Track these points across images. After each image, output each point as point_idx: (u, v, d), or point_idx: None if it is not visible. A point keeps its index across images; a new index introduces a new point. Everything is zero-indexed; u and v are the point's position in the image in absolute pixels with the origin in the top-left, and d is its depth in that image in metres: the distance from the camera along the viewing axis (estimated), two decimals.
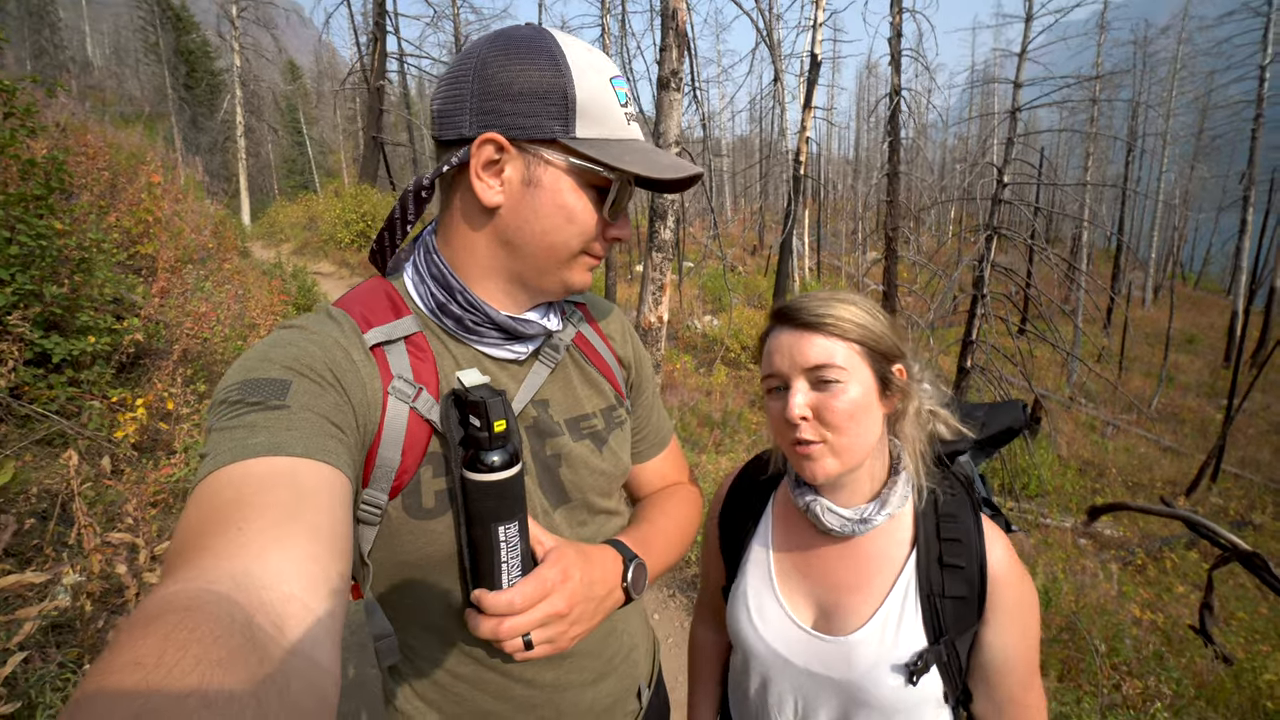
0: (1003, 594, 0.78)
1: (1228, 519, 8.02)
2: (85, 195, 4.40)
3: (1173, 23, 24.76)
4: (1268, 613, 5.45)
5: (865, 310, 0.80)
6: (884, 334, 0.80)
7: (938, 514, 0.83)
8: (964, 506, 0.83)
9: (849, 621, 0.82)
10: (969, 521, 0.82)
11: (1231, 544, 1.46)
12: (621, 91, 0.69)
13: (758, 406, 8.41)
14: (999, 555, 0.80)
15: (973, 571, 0.79)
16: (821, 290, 0.84)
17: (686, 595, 3.19)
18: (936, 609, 0.79)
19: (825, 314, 0.78)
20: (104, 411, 2.87)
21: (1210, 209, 33.87)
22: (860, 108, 39.37)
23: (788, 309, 0.81)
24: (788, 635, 0.86)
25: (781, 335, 0.81)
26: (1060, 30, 9.67)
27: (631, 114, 0.71)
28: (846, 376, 0.77)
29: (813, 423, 0.78)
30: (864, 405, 0.78)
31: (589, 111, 0.65)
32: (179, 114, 24.69)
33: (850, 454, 0.79)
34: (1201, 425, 13.03)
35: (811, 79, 13.34)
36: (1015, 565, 0.80)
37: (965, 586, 0.79)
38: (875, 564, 0.83)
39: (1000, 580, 0.79)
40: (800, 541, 0.90)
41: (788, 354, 0.80)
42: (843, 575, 0.85)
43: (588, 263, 0.72)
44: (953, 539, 0.81)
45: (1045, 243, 9.42)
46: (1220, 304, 28.10)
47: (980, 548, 0.80)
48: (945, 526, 0.82)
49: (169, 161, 9.02)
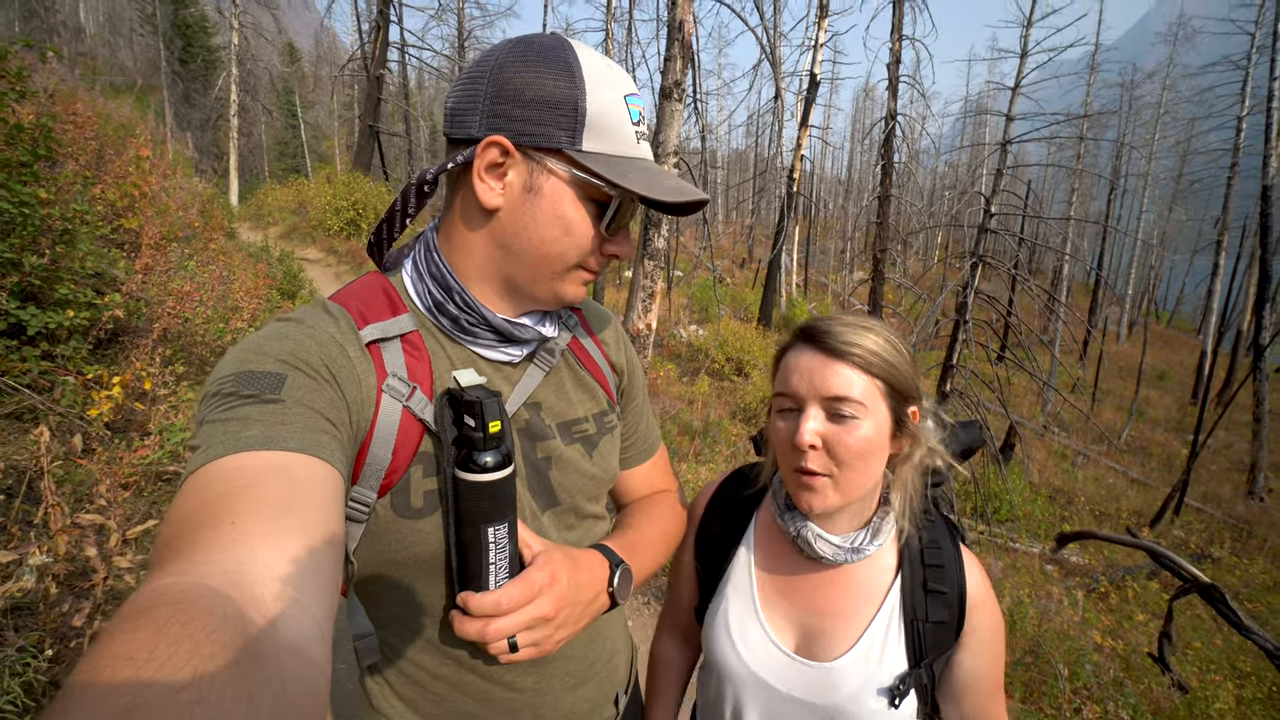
0: (979, 618, 0.80)
1: (1188, 552, 8.24)
2: (71, 165, 4.30)
3: (1159, 69, 25.58)
4: (1221, 644, 5.61)
5: (891, 345, 0.78)
6: (906, 372, 0.78)
7: (922, 541, 0.84)
8: (944, 533, 0.85)
9: (834, 647, 0.82)
10: (950, 548, 0.83)
11: (1192, 576, 1.51)
12: (635, 110, 0.69)
13: (739, 418, 8.45)
14: (976, 581, 0.81)
15: (953, 596, 0.80)
16: (848, 315, 0.82)
17: (660, 602, 3.19)
18: (919, 633, 0.80)
19: (853, 343, 0.76)
20: (78, 388, 2.80)
21: (1185, 251, 34.92)
22: (855, 129, 39.98)
23: (814, 331, 0.79)
24: (770, 660, 0.85)
25: (803, 356, 0.79)
26: (1053, 68, 9.94)
27: (643, 133, 0.71)
28: (864, 413, 0.75)
29: (821, 453, 0.77)
30: (876, 444, 0.77)
31: (597, 126, 0.65)
32: (171, 88, 24.19)
33: (853, 491, 0.78)
34: (1167, 459, 13.38)
35: (809, 98, 13.53)
36: (989, 590, 0.82)
37: (946, 611, 0.80)
38: (861, 589, 0.83)
39: (977, 605, 0.80)
40: (784, 565, 0.89)
41: (807, 377, 0.77)
42: (828, 600, 0.85)
43: (582, 276, 0.72)
44: (936, 565, 0.82)
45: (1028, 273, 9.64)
46: (1190, 343, 28.92)
47: (960, 573, 0.81)
48: (929, 553, 0.83)
49: (158, 135, 8.85)
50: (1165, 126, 25.82)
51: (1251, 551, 8.44)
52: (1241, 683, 4.80)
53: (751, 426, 8.23)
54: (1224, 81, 17.60)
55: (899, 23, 9.52)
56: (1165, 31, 24.95)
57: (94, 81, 15.62)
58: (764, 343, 11.56)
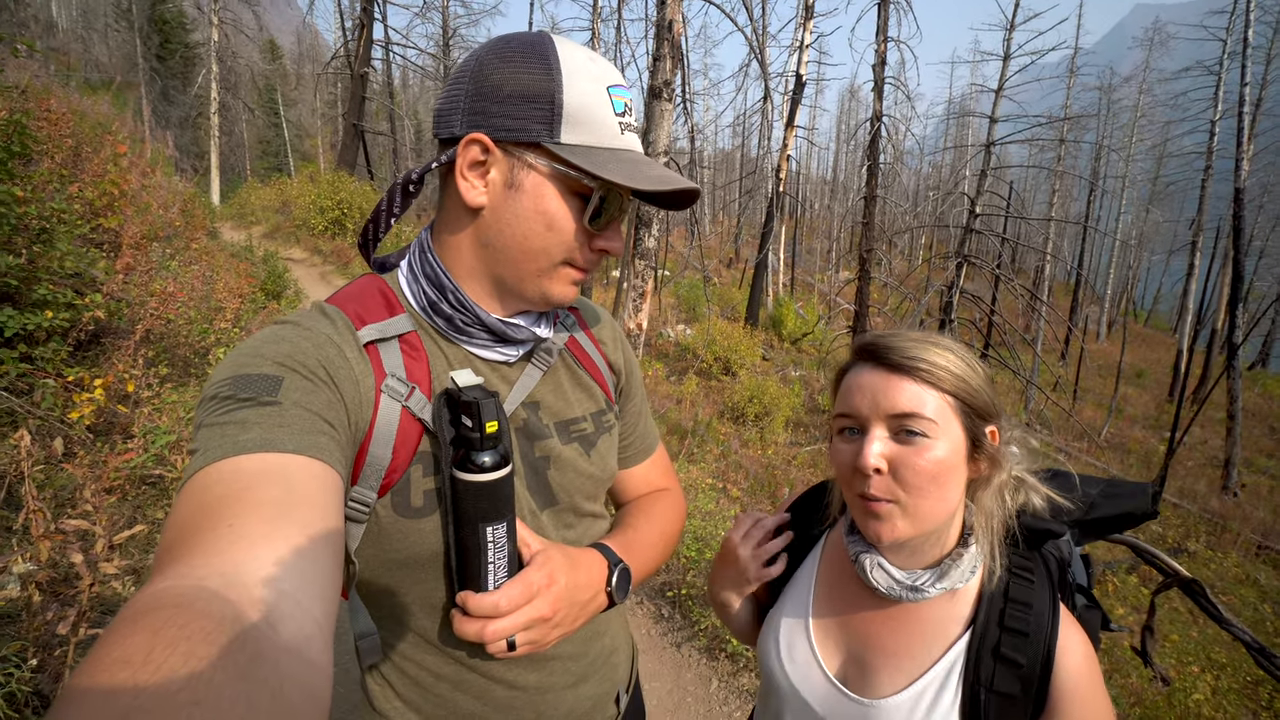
0: (1066, 708, 0.67)
1: (1165, 546, 8.43)
2: (46, 162, 4.20)
3: (1135, 73, 26.12)
4: (1197, 636, 5.74)
5: (963, 359, 0.71)
6: (981, 388, 0.70)
7: (1007, 598, 0.72)
8: (1043, 597, 0.72)
9: (880, 686, 0.75)
10: (1044, 614, 0.70)
11: (1174, 570, 1.54)
12: (620, 101, 0.68)
13: (727, 417, 8.49)
14: (1074, 662, 0.68)
15: (1032, 671, 0.68)
16: (915, 331, 0.75)
17: (654, 603, 3.20)
18: (980, 701, 0.69)
19: (920, 357, 0.69)
20: (58, 391, 2.74)
21: (1162, 251, 35.69)
22: (841, 130, 40.34)
23: (876, 346, 0.72)
24: (813, 682, 0.80)
25: (864, 374, 0.72)
26: (1034, 71, 10.11)
27: (629, 124, 0.69)
28: (935, 431, 0.68)
29: (886, 477, 0.69)
30: (950, 466, 0.69)
31: (576, 118, 0.64)
32: (149, 85, 23.71)
33: (925, 520, 0.70)
34: (1146, 456, 13.66)
35: (795, 98, 13.63)
36: (1090, 678, 0.68)
37: (1019, 685, 0.68)
38: (922, 635, 0.75)
39: (1067, 691, 0.67)
40: (846, 589, 0.82)
41: (870, 395, 0.70)
42: (884, 637, 0.77)
43: (571, 275, 0.71)
44: (1017, 630, 0.70)
45: (1011, 273, 9.79)
46: (1167, 341, 29.60)
47: (1050, 647, 0.69)
48: (1012, 614, 0.71)
49: (137, 133, 8.67)
50: (1142, 130, 26.41)
51: (1225, 545, 8.65)
52: (1217, 674, 4.92)
53: (740, 425, 8.27)
54: (1197, 86, 18.01)
55: (884, 24, 9.62)
56: (1141, 36, 25.51)
57: (68, 78, 15.27)
58: (751, 342, 11.61)
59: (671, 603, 3.18)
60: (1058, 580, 0.76)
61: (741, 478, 5.84)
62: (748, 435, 7.84)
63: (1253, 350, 27.84)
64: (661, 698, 2.57)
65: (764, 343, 13.25)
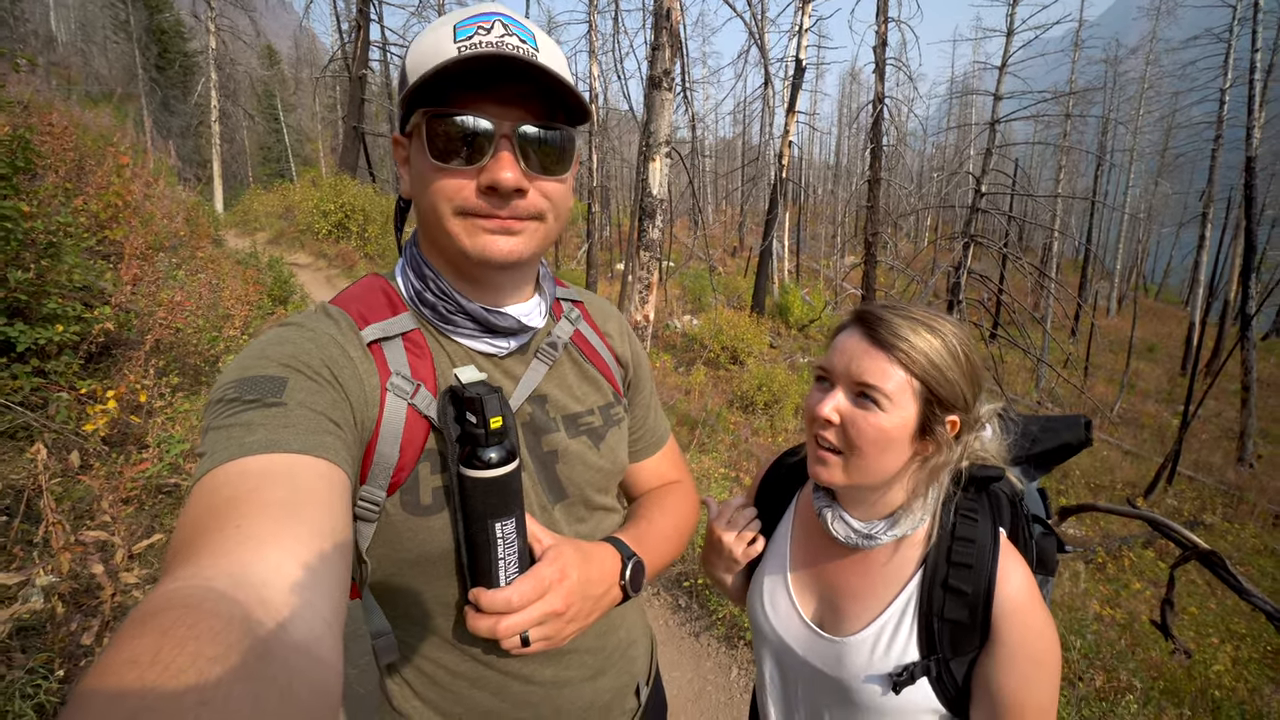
0: (1006, 628, 0.75)
1: (1182, 519, 8.36)
2: (51, 177, 4.23)
3: (1142, 44, 25.62)
4: (1215, 608, 5.71)
5: (948, 348, 0.76)
6: (955, 380, 0.75)
7: (954, 536, 0.80)
8: (985, 532, 0.80)
9: (848, 625, 0.85)
10: (986, 547, 0.78)
11: (1192, 543, 1.53)
12: (468, 29, 0.63)
13: (737, 407, 8.48)
14: (1011, 588, 0.76)
15: (977, 598, 0.76)
16: (921, 309, 0.79)
17: (670, 594, 3.21)
18: (932, 629, 0.79)
19: (902, 338, 0.74)
20: (72, 403, 2.77)
21: (1172, 224, 35.16)
22: (842, 113, 39.91)
23: (870, 317, 0.78)
24: (792, 627, 0.91)
25: (851, 338, 0.79)
26: (1038, 46, 9.95)
27: (477, 43, 0.62)
28: (888, 405, 0.75)
29: (838, 430, 0.78)
30: (893, 438, 0.76)
31: (414, 69, 0.64)
32: (149, 96, 23.83)
33: (861, 475, 0.78)
34: (1159, 430, 13.53)
35: (796, 84, 13.48)
36: (1027, 600, 0.76)
37: (966, 612, 0.77)
38: (881, 576, 0.84)
39: (1006, 613, 0.75)
40: (816, 540, 0.93)
41: (846, 358, 0.78)
42: (850, 581, 0.87)
43: (478, 225, 0.66)
44: (962, 564, 0.78)
45: (1019, 251, 9.69)
46: (1179, 315, 29.22)
47: (991, 576, 0.77)
48: (957, 550, 0.79)
49: (139, 144, 8.71)
50: (1149, 101, 25.94)
51: (1242, 517, 8.57)
52: (1237, 644, 4.90)
53: (750, 414, 8.26)
54: (1206, 55, 17.64)
55: (884, 5, 9.47)
56: (1147, 6, 24.99)
57: (69, 91, 15.37)
58: (757, 330, 11.58)
59: (689, 593, 3.18)
60: (1009, 514, 0.84)
61: (754, 466, 5.84)
62: (758, 424, 7.83)
63: (1266, 321, 27.46)
64: (682, 687, 2.58)
65: (771, 330, 13.20)
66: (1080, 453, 0.95)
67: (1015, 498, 0.85)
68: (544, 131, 0.66)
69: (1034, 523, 0.88)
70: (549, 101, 0.67)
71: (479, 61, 0.60)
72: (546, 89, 0.65)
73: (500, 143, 0.64)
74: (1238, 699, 3.52)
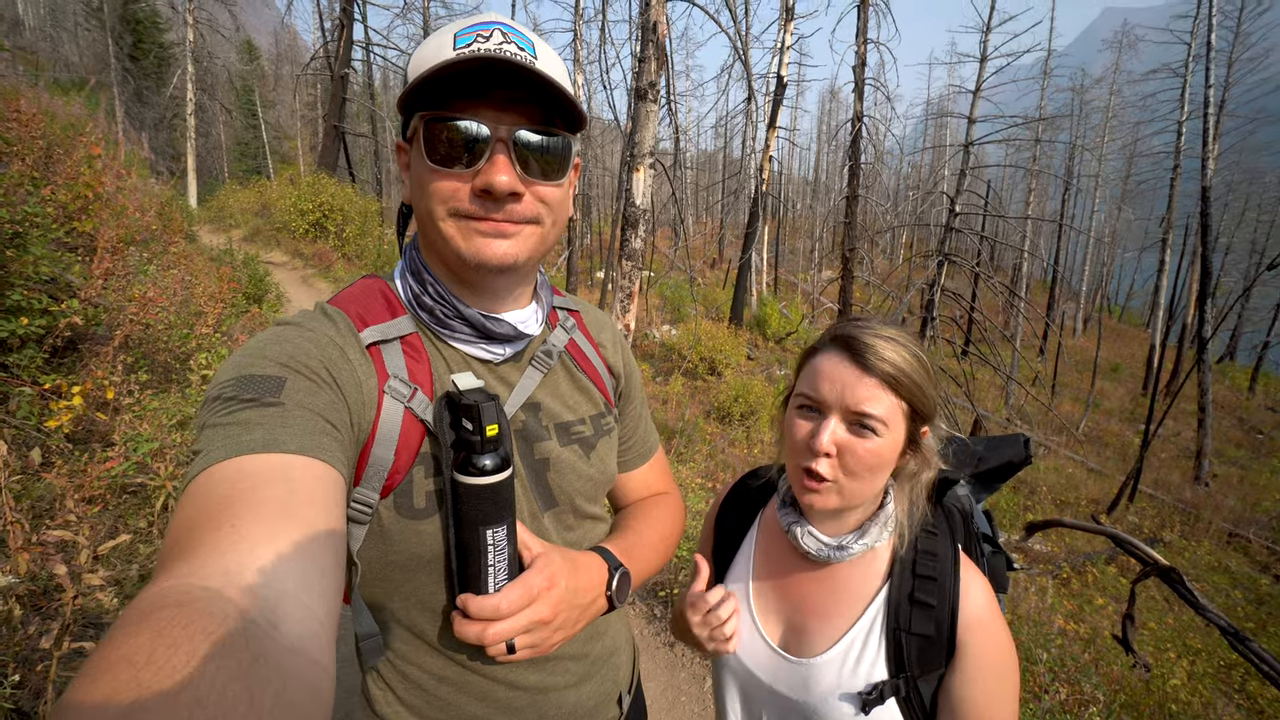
0: (971, 641, 0.76)
1: (1142, 536, 8.63)
2: (17, 164, 4.08)
3: (1106, 74, 26.72)
4: (1173, 623, 5.90)
5: (920, 364, 0.77)
6: (930, 394, 0.78)
7: (917, 550, 0.81)
8: (945, 545, 0.81)
9: (814, 645, 0.83)
10: (948, 561, 0.80)
11: (1153, 560, 1.60)
12: (467, 37, 0.64)
13: (714, 417, 8.52)
14: (973, 601, 0.77)
15: (943, 612, 0.77)
16: (885, 326, 0.80)
17: (646, 603, 3.21)
18: (900, 644, 0.78)
19: (887, 360, 0.75)
20: (34, 399, 2.67)
21: (1134, 248, 36.51)
22: (822, 131, 40.72)
23: (852, 340, 0.78)
24: (755, 651, 0.88)
25: (837, 364, 0.78)
26: (1010, 73, 10.32)
27: (475, 49, 0.63)
28: (884, 430, 0.76)
29: (834, 461, 0.77)
30: (886, 460, 0.77)
31: (415, 71, 0.66)
32: (122, 85, 23.14)
33: (853, 497, 0.79)
34: (1122, 448, 13.98)
35: (777, 100, 13.74)
36: (990, 614, 0.77)
37: (933, 626, 0.77)
38: (847, 592, 0.83)
39: (970, 626, 0.76)
40: (780, 560, 0.91)
41: (838, 387, 0.77)
42: (815, 599, 0.86)
43: (473, 226, 0.66)
44: (927, 576, 0.79)
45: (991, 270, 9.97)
46: (1140, 336, 30.31)
47: (954, 589, 0.78)
48: (922, 563, 0.80)
49: (111, 135, 8.46)
50: (1113, 130, 27.02)
51: (1198, 534, 8.89)
52: (1193, 659, 5.07)
53: (726, 425, 8.31)
54: (1165, 88, 18.49)
55: (864, 26, 9.74)
56: (1110, 39, 26.10)
57: (37, 77, 14.86)
58: (735, 342, 11.67)
59: (664, 603, 3.19)
60: (962, 532, 0.85)
61: (730, 477, 5.87)
62: (734, 435, 7.89)
63: (1221, 344, 28.62)
64: (655, 697, 2.58)
65: (749, 342, 13.32)
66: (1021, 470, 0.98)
67: (966, 515, 0.87)
68: (541, 137, 0.67)
69: (983, 541, 0.91)
70: (546, 108, 0.68)
71: (476, 64, 0.61)
72: (544, 95, 0.66)
73: (496, 146, 0.64)
74: (1193, 712, 3.65)
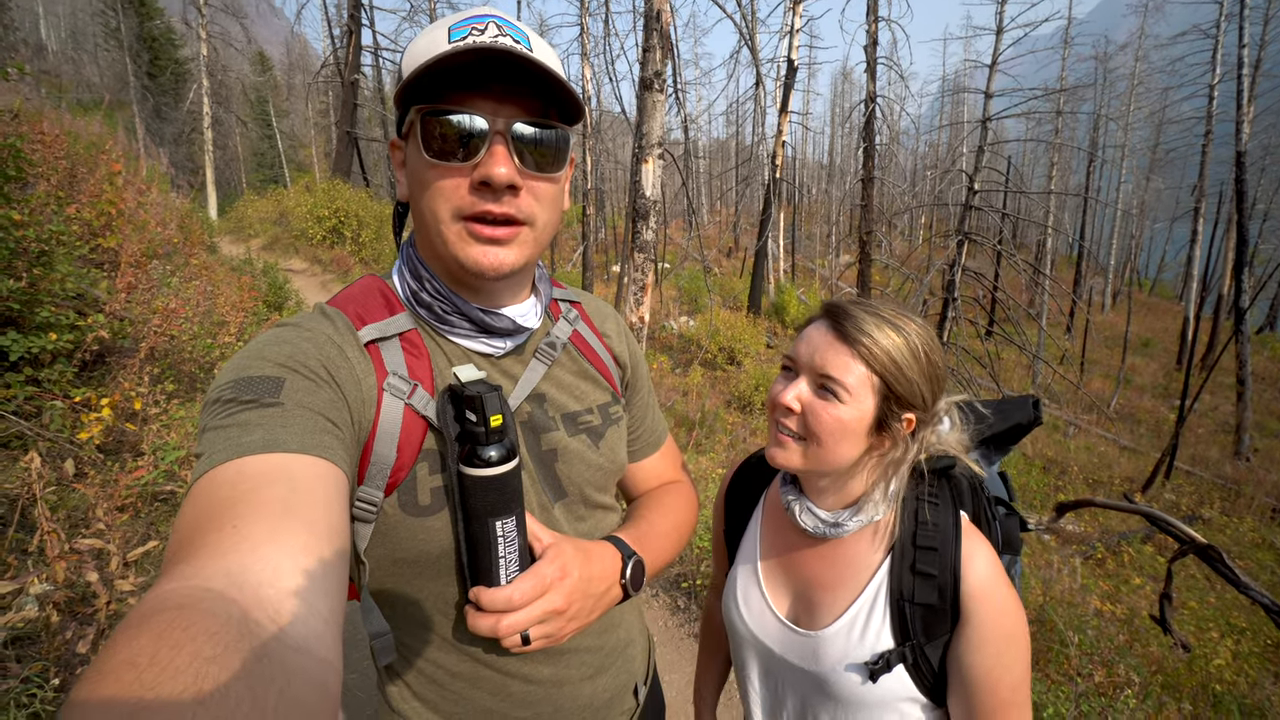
0: (975, 608, 0.76)
1: (1179, 514, 8.39)
2: (42, 185, 4.21)
3: (1131, 40, 25.78)
4: (1215, 602, 5.73)
5: (910, 348, 0.78)
6: (913, 380, 0.78)
7: (917, 521, 0.82)
8: (947, 515, 0.82)
9: (821, 617, 0.85)
10: (949, 529, 0.80)
11: (1190, 538, 1.54)
12: (461, 30, 0.63)
13: (734, 407, 8.49)
14: (977, 569, 0.77)
15: (945, 580, 0.78)
16: (889, 303, 0.82)
17: (669, 595, 3.20)
18: (905, 614, 0.79)
19: (865, 334, 0.76)
20: (66, 412, 2.75)
21: (1165, 219, 35.35)
22: (835, 113, 40.06)
23: (839, 311, 0.80)
24: (766, 624, 0.91)
25: (819, 331, 0.81)
26: (1028, 44, 10.01)
27: (470, 43, 0.61)
28: (847, 398, 0.77)
29: (799, 417, 0.80)
30: (849, 429, 0.78)
31: (410, 65, 0.64)
32: (141, 103, 23.75)
33: (817, 462, 0.81)
34: (1156, 425, 13.60)
35: (788, 84, 13.53)
36: (994, 582, 0.77)
37: (935, 595, 0.78)
38: (851, 565, 0.85)
39: (974, 594, 0.76)
40: (786, 536, 0.93)
41: (812, 350, 0.80)
42: (820, 572, 0.88)
43: (473, 230, 0.65)
44: (928, 547, 0.80)
45: (1013, 248, 9.73)
46: (1173, 309, 29.38)
47: (956, 558, 0.78)
48: (923, 534, 0.81)
49: (131, 152, 8.68)
50: (1139, 97, 26.10)
51: (1240, 510, 8.62)
52: (1237, 639, 4.91)
53: (747, 414, 8.27)
54: (1194, 51, 17.76)
55: (874, 4, 9.52)
56: (1135, 3, 25.16)
57: (60, 99, 15.31)
58: (754, 330, 11.60)
59: (687, 594, 3.18)
60: (971, 499, 0.86)
61: None
62: (756, 424, 7.84)
63: (1260, 314, 27.63)
64: (681, 689, 2.57)
65: (768, 330, 13.22)
66: (1031, 431, 0.99)
67: (976, 482, 0.88)
68: (538, 129, 0.66)
69: (997, 504, 0.91)
70: (543, 99, 0.67)
71: (472, 56, 0.60)
72: (540, 86, 0.65)
73: (495, 139, 0.64)
74: (1238, 693, 3.54)
